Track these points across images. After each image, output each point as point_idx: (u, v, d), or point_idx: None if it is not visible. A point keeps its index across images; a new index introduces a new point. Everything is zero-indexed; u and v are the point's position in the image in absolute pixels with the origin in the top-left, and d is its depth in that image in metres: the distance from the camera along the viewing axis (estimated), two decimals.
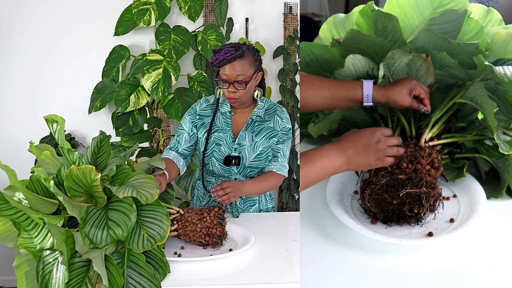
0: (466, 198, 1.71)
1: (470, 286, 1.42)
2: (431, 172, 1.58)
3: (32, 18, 3.10)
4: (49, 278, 1.38)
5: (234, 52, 1.98)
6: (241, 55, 1.99)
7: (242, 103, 2.07)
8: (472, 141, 1.79)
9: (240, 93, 2.01)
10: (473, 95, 1.70)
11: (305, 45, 1.94)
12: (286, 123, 2.13)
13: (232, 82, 1.99)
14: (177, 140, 2.15)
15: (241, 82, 1.99)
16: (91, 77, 3.09)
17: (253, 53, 2.04)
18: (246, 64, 2.00)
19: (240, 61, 1.99)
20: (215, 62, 1.99)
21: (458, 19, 1.76)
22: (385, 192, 1.57)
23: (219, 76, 2.02)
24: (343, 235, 1.59)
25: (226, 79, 2.00)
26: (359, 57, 1.83)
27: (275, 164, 2.12)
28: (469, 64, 1.73)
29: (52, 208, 1.46)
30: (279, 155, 2.13)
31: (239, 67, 1.98)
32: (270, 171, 2.12)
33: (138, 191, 1.43)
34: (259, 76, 2.07)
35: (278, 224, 2.06)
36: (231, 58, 1.97)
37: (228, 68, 1.98)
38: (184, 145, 2.14)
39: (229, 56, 1.97)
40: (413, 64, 1.75)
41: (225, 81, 2.00)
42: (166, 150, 2.16)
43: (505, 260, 1.50)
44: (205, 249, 1.70)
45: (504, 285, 1.42)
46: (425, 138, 1.65)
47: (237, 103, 2.05)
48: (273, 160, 2.13)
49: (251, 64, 2.02)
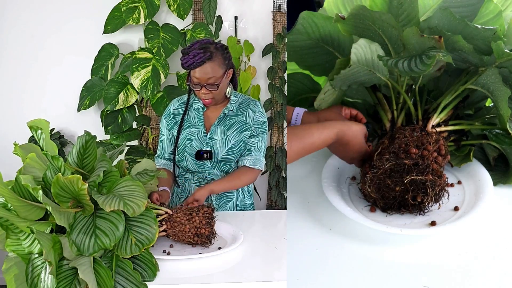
0: (471, 185, 1.60)
1: (475, 277, 1.32)
2: (438, 160, 1.50)
3: (21, 17, 3.09)
4: (37, 281, 1.38)
5: (202, 55, 1.95)
6: (210, 57, 1.97)
7: (217, 101, 2.09)
8: (479, 128, 1.72)
9: (214, 94, 2.03)
10: (485, 82, 1.61)
11: (308, 15, 1.78)
12: (260, 117, 2.14)
13: (204, 85, 2.00)
14: (162, 146, 2.20)
15: (212, 84, 2.00)
16: (80, 75, 3.09)
17: (222, 52, 2.02)
18: (216, 65, 1.99)
19: (209, 63, 1.97)
20: (184, 65, 1.99)
21: (476, 5, 1.67)
22: (388, 177, 1.48)
23: (191, 79, 2.02)
24: (340, 224, 1.49)
25: (197, 82, 2.00)
26: (362, 44, 1.62)
27: (248, 158, 2.12)
28: (483, 49, 1.63)
29: (40, 214, 1.45)
30: (252, 149, 2.13)
31: (209, 69, 1.97)
32: (244, 165, 2.13)
33: (125, 203, 1.42)
34: (230, 73, 2.07)
35: (267, 222, 2.07)
36: (200, 61, 1.95)
37: (198, 71, 1.98)
38: (168, 150, 2.18)
39: (198, 60, 1.95)
40: (423, 45, 1.62)
41: (197, 84, 2.01)
42: (155, 158, 2.20)
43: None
44: (194, 247, 1.70)
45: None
46: (432, 123, 1.58)
47: (212, 102, 2.07)
48: (246, 154, 2.13)
49: (221, 64, 2.00)
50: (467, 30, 1.61)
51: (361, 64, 1.59)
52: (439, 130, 1.59)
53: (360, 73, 1.61)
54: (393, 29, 1.63)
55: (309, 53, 1.80)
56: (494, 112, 1.72)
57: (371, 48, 1.60)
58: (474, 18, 1.69)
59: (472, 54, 1.62)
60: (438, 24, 1.64)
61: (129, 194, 1.48)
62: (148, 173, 1.73)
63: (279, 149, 3.27)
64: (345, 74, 1.59)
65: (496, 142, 1.67)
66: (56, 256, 1.37)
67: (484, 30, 1.59)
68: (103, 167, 1.53)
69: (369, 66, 1.60)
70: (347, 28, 1.74)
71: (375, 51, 1.60)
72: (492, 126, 1.68)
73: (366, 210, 1.54)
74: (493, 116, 1.73)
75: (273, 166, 3.25)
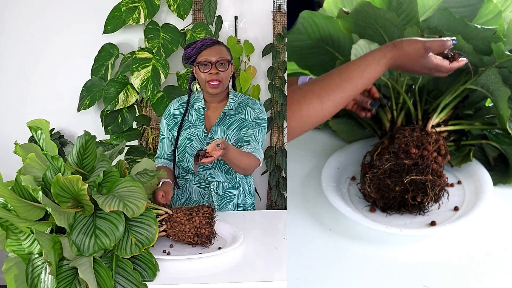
0: (471, 185, 1.59)
1: (475, 278, 1.32)
2: (437, 160, 1.50)
3: (21, 17, 3.09)
4: (37, 281, 1.38)
5: (210, 40, 2.09)
6: (218, 42, 2.10)
7: (223, 89, 2.09)
8: (479, 128, 1.72)
9: (222, 75, 2.05)
10: (484, 82, 1.61)
11: (308, 14, 1.78)
12: (259, 113, 2.14)
13: (214, 63, 2.04)
14: (162, 147, 2.20)
15: (223, 62, 2.05)
16: (80, 75, 3.09)
17: (226, 46, 2.13)
18: (224, 49, 2.09)
19: (218, 45, 2.08)
20: (192, 51, 2.05)
21: (475, 5, 1.68)
22: (388, 177, 1.48)
23: (198, 62, 2.06)
24: (339, 224, 1.48)
25: (206, 60, 2.04)
26: (362, 44, 1.65)
27: (247, 147, 2.08)
28: (483, 49, 1.64)
29: (40, 214, 1.45)
30: (250, 139, 2.10)
31: (219, 50, 2.06)
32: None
33: (125, 204, 1.42)
34: (232, 68, 2.13)
35: (267, 222, 2.07)
36: (210, 43, 2.06)
37: (208, 51, 2.05)
38: (168, 150, 2.19)
39: (208, 42, 2.06)
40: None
41: (206, 64, 2.04)
42: (155, 159, 2.21)
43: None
44: (194, 247, 1.70)
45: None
46: (432, 123, 1.58)
47: (219, 88, 2.06)
48: (245, 144, 2.10)
49: (228, 52, 2.10)
50: (466, 30, 1.61)
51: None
52: (439, 130, 1.58)
53: None
54: (395, 28, 1.63)
55: (309, 53, 1.80)
56: (494, 112, 1.72)
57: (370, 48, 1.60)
58: (473, 19, 1.69)
59: (472, 54, 1.62)
60: (438, 24, 1.64)
61: (129, 195, 1.48)
62: (148, 173, 1.73)
63: (279, 149, 3.27)
64: None
65: (496, 142, 1.67)
66: (56, 257, 1.37)
67: (484, 30, 1.60)
68: (103, 167, 1.53)
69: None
70: (348, 26, 1.73)
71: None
72: (492, 126, 1.68)
73: (366, 210, 1.54)
74: (493, 116, 1.73)
75: (273, 166, 3.25)
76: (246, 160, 2.03)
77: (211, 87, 2.06)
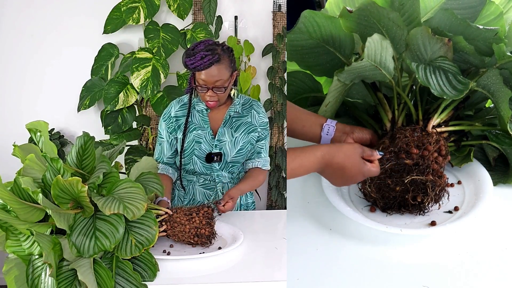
0: (471, 185, 1.60)
1: (475, 278, 1.32)
2: (438, 160, 1.49)
3: (21, 16, 3.09)
4: (38, 282, 1.38)
5: (210, 57, 1.90)
6: (218, 60, 1.91)
7: (222, 103, 2.05)
8: (479, 128, 1.71)
9: (220, 95, 1.98)
10: (485, 83, 1.61)
11: (309, 14, 1.75)
12: (264, 117, 2.15)
13: (211, 88, 1.95)
14: (160, 150, 2.14)
15: (220, 87, 1.95)
16: (80, 75, 3.09)
17: (229, 55, 1.97)
18: (223, 68, 1.93)
19: (217, 66, 1.92)
20: (190, 66, 1.92)
21: (477, 6, 1.67)
22: (389, 177, 1.48)
23: (196, 81, 1.97)
24: (340, 224, 1.48)
25: (204, 84, 1.95)
26: (375, 39, 1.60)
27: (259, 160, 2.16)
28: (484, 50, 1.63)
29: (39, 215, 1.45)
30: (262, 151, 2.17)
31: (216, 72, 1.92)
32: (257, 167, 2.16)
33: (125, 206, 1.41)
34: (234, 76, 2.03)
35: (267, 222, 2.07)
36: (208, 63, 1.90)
37: (205, 74, 1.92)
38: (167, 153, 2.13)
39: (206, 62, 1.89)
40: (429, 46, 1.62)
41: (203, 87, 1.95)
42: None
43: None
44: (194, 247, 1.70)
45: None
46: (433, 123, 1.58)
47: (217, 105, 2.02)
48: (257, 156, 2.16)
49: (228, 67, 1.95)
50: (468, 31, 1.61)
51: (370, 59, 1.58)
52: (439, 131, 1.58)
53: (366, 67, 1.60)
54: (398, 29, 1.63)
55: (310, 53, 1.80)
56: (494, 113, 1.72)
57: (382, 45, 1.58)
58: (475, 20, 1.69)
59: (473, 55, 1.62)
60: (440, 25, 1.64)
61: (129, 196, 1.47)
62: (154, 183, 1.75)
63: (279, 149, 3.27)
64: (355, 67, 1.59)
65: (496, 143, 1.66)
66: (56, 258, 1.37)
67: (486, 31, 1.59)
68: (103, 169, 1.53)
69: (376, 62, 1.59)
70: (350, 25, 1.72)
71: (386, 48, 1.59)
72: (493, 127, 1.68)
73: (366, 210, 1.54)
74: (493, 117, 1.73)
75: (273, 166, 3.25)
76: (257, 182, 2.15)
77: (209, 105, 2.03)
